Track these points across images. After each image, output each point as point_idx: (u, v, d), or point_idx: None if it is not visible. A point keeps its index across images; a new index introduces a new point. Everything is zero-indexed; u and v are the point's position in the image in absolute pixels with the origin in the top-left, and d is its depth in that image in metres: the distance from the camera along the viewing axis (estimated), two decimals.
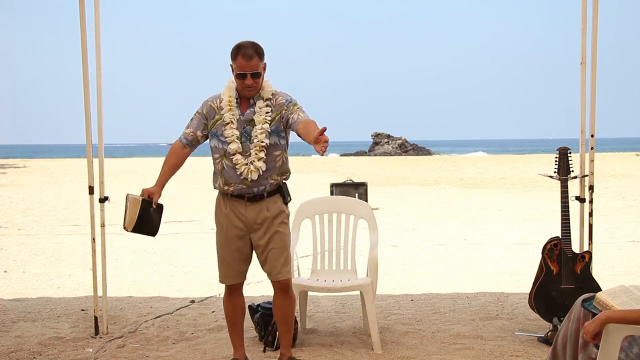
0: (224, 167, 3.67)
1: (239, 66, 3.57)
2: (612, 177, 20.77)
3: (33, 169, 31.80)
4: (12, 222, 11.99)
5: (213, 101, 3.71)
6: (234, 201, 3.72)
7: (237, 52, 3.57)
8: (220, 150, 3.67)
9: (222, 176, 3.70)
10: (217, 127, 3.67)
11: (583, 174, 4.58)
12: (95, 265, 4.62)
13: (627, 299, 2.86)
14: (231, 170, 3.65)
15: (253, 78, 3.57)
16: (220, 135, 3.65)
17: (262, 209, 3.72)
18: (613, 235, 9.32)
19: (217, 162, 3.71)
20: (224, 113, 3.64)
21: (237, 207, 3.72)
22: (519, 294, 5.66)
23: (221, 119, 3.65)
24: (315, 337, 4.52)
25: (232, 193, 3.70)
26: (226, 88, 3.71)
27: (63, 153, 68.64)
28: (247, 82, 3.58)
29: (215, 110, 3.69)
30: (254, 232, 3.75)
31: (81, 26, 4.39)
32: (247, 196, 3.70)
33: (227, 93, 3.68)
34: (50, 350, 4.28)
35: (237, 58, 3.57)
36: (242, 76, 3.57)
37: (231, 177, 3.66)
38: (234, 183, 3.67)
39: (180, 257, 8.28)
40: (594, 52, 4.37)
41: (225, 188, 3.70)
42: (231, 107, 3.64)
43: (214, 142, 3.69)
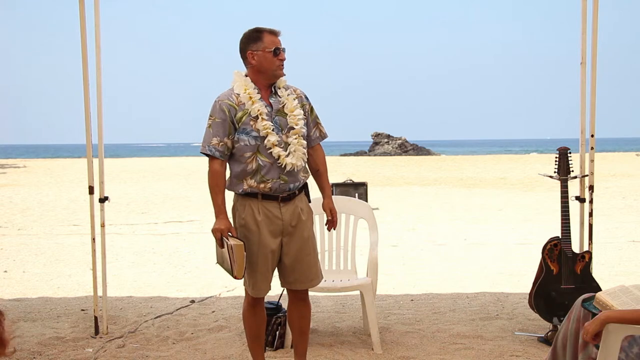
0: (259, 165, 3.38)
1: (271, 42, 3.38)
2: (612, 177, 20.78)
3: (33, 169, 31.81)
4: (12, 222, 11.99)
5: (228, 99, 3.40)
6: (266, 203, 3.44)
7: (261, 32, 3.40)
8: (253, 147, 3.38)
9: (257, 174, 3.39)
10: (244, 124, 3.37)
11: (583, 174, 4.58)
12: (95, 265, 4.62)
13: (627, 299, 2.86)
14: (268, 166, 3.39)
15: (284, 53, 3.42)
16: (252, 131, 3.37)
17: (296, 209, 3.49)
18: (613, 235, 9.32)
19: (249, 161, 3.39)
20: (248, 107, 3.38)
21: (270, 208, 3.44)
22: (519, 294, 5.66)
23: (247, 114, 3.37)
24: (315, 337, 4.52)
25: (268, 192, 3.41)
26: (239, 82, 3.43)
27: (63, 153, 68.64)
28: (283, 56, 3.40)
29: (235, 107, 3.38)
30: (288, 235, 3.48)
31: (81, 26, 4.39)
32: (282, 195, 3.44)
33: (242, 86, 3.41)
34: (50, 350, 4.28)
35: (263, 37, 3.38)
36: (277, 51, 3.38)
37: (269, 172, 3.39)
38: (272, 179, 3.40)
39: (180, 257, 8.28)
40: (594, 52, 4.37)
41: (261, 186, 3.40)
42: (253, 99, 3.38)
43: (243, 141, 3.38)
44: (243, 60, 3.49)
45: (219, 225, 3.38)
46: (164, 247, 9.03)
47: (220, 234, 3.37)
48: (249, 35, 3.43)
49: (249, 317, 3.60)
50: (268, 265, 3.47)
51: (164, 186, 20.48)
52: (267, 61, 3.40)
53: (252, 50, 3.41)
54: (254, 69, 3.44)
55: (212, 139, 3.38)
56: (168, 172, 28.20)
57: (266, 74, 3.44)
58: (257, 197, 3.44)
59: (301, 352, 3.69)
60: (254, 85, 3.43)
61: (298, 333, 3.67)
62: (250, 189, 3.43)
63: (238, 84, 3.44)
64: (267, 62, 3.40)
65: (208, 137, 3.40)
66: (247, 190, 3.44)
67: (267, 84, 3.47)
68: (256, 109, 3.38)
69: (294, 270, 3.52)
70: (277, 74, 3.44)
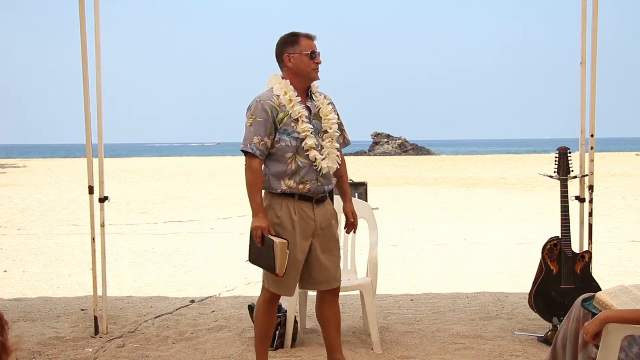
0: (299, 166, 3.46)
1: (308, 46, 3.50)
2: (612, 177, 20.77)
3: (33, 169, 31.81)
4: (12, 222, 11.99)
5: (270, 100, 3.45)
6: (302, 204, 3.49)
7: (298, 36, 3.52)
8: (293, 148, 3.44)
9: (297, 175, 3.46)
10: (286, 125, 3.44)
11: (583, 174, 4.57)
12: (95, 265, 4.62)
13: (627, 299, 2.86)
14: (307, 167, 3.47)
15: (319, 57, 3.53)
16: (293, 132, 3.44)
17: (327, 212, 3.59)
18: (613, 235, 9.32)
19: (289, 162, 3.45)
20: (289, 110, 3.45)
21: (305, 210, 3.50)
22: (519, 294, 5.66)
23: (288, 115, 3.44)
24: (315, 337, 4.52)
25: (307, 193, 3.48)
26: (279, 84, 3.50)
27: (63, 153, 68.66)
28: (319, 59, 3.51)
29: (277, 108, 3.44)
30: (318, 237, 3.55)
31: (81, 26, 4.39)
32: (316, 197, 3.52)
33: (283, 88, 3.48)
34: (50, 350, 4.28)
35: (300, 41, 3.50)
36: (314, 55, 3.50)
37: (308, 174, 3.47)
38: (310, 181, 3.48)
39: (180, 257, 8.28)
40: (594, 52, 4.37)
41: (301, 187, 3.46)
42: (294, 102, 3.46)
43: (285, 141, 3.44)
44: (279, 64, 3.58)
45: (260, 222, 3.40)
46: (164, 247, 9.03)
47: (261, 231, 3.39)
48: (286, 39, 3.55)
49: (267, 317, 3.66)
50: (299, 265, 3.53)
51: (164, 186, 20.48)
52: (304, 64, 3.50)
53: (289, 53, 3.51)
54: (291, 72, 3.53)
55: (254, 137, 3.43)
56: (168, 172, 28.21)
57: (302, 77, 3.53)
58: (294, 197, 3.50)
59: (338, 347, 3.74)
60: (293, 88, 3.51)
61: (335, 330, 3.72)
62: (290, 190, 3.49)
63: (278, 86, 3.51)
64: (303, 64, 3.50)
65: (249, 136, 3.44)
66: (286, 190, 3.49)
67: (303, 87, 3.56)
68: (297, 112, 3.46)
69: (322, 271, 3.58)
70: (312, 77, 3.55)
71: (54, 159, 47.90)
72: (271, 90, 3.51)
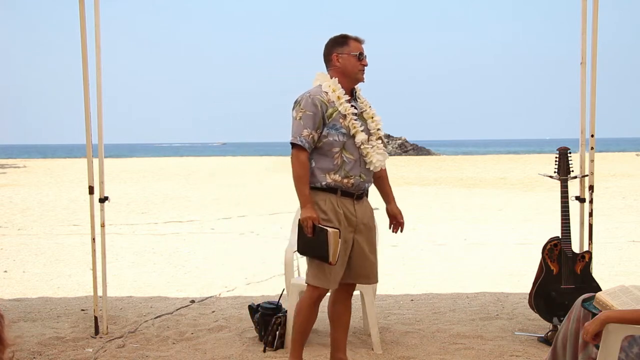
0: (344, 161, 3.55)
1: (356, 47, 3.61)
2: (612, 177, 20.77)
3: (33, 169, 31.81)
4: (12, 222, 11.99)
5: (320, 95, 3.56)
6: (344, 199, 3.58)
7: (347, 37, 3.63)
8: (340, 143, 3.53)
9: (342, 169, 3.55)
10: (334, 121, 3.54)
11: (583, 174, 4.57)
12: (95, 265, 4.62)
13: (627, 299, 2.86)
14: (352, 162, 3.56)
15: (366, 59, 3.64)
16: (341, 128, 3.54)
17: (366, 208, 3.69)
18: (613, 235, 9.32)
19: (336, 156, 3.54)
20: (337, 106, 3.55)
21: (347, 205, 3.59)
22: (519, 294, 5.66)
23: (336, 111, 3.54)
24: (315, 337, 4.52)
25: (350, 188, 3.57)
26: (327, 82, 3.60)
27: (63, 153, 68.63)
28: (365, 62, 3.62)
29: (326, 104, 3.54)
30: (359, 232, 3.64)
31: (81, 26, 4.39)
32: (357, 193, 3.61)
33: (332, 86, 3.58)
34: (50, 350, 4.28)
35: (349, 42, 3.61)
36: (361, 56, 3.60)
37: (353, 169, 3.56)
38: (354, 176, 3.57)
39: (180, 257, 8.28)
40: (594, 52, 4.37)
41: (345, 181, 3.55)
42: (342, 99, 3.57)
43: (332, 136, 3.53)
44: (326, 63, 3.69)
45: (310, 213, 3.46)
46: (164, 247, 9.03)
47: (311, 221, 3.45)
48: (336, 39, 3.66)
49: (309, 312, 3.68)
50: (345, 259, 3.59)
51: (164, 186, 20.48)
52: (351, 64, 3.60)
53: (337, 52, 3.62)
54: (338, 71, 3.63)
55: (303, 130, 3.51)
56: (168, 172, 28.20)
57: (349, 77, 3.63)
58: (337, 193, 3.57)
59: (342, 347, 3.81)
60: (341, 87, 3.60)
61: (343, 329, 3.80)
62: (335, 184, 3.56)
63: (326, 84, 3.60)
64: (350, 65, 3.60)
65: (299, 129, 3.52)
66: (331, 184, 3.56)
67: (348, 87, 3.65)
68: (345, 108, 3.56)
69: (359, 265, 3.66)
70: (358, 78, 3.65)
71: (54, 159, 47.89)
72: (319, 86, 3.61)
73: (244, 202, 15.34)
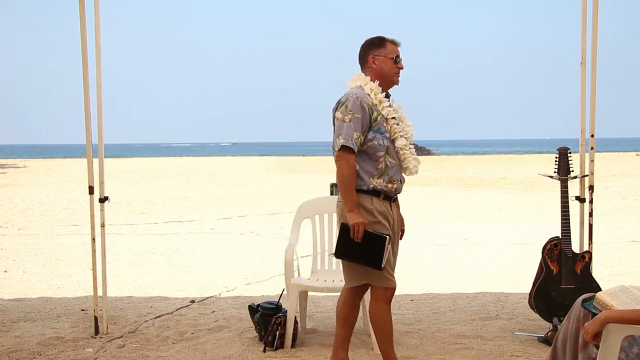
0: (387, 165, 3.54)
1: (393, 50, 3.60)
2: (612, 177, 20.78)
3: (33, 169, 31.82)
4: (12, 222, 11.99)
5: (366, 98, 3.51)
6: (384, 202, 3.57)
7: (384, 40, 3.61)
8: (384, 147, 3.52)
9: (385, 174, 3.54)
10: (379, 124, 3.52)
11: (583, 174, 4.57)
12: (95, 265, 4.62)
13: (627, 299, 2.86)
14: (394, 167, 3.57)
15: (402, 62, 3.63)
16: (385, 132, 3.53)
17: (398, 211, 3.73)
18: (613, 235, 9.32)
19: (380, 160, 3.53)
20: (380, 109, 3.53)
21: (386, 207, 3.58)
22: (519, 294, 5.66)
23: (380, 115, 3.52)
24: (315, 337, 4.52)
25: (393, 192, 3.58)
26: (368, 84, 3.57)
27: (63, 153, 68.65)
28: (402, 64, 3.61)
29: (372, 107, 3.51)
30: (394, 234, 3.66)
31: (81, 26, 4.39)
32: (394, 196, 3.63)
33: (373, 89, 3.55)
34: (50, 350, 4.28)
35: (386, 44, 3.60)
36: (398, 59, 3.60)
37: (395, 173, 3.57)
38: (396, 180, 3.58)
39: (180, 257, 8.28)
40: (594, 52, 4.37)
41: (389, 186, 3.55)
42: (383, 103, 3.55)
43: (378, 140, 3.51)
44: (362, 65, 3.66)
45: (361, 218, 3.44)
46: (164, 247, 9.03)
47: (362, 226, 3.43)
48: (372, 41, 3.64)
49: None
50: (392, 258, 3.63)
51: (164, 186, 20.48)
52: (387, 66, 3.59)
53: (374, 54, 3.60)
54: (373, 73, 3.61)
55: (354, 133, 3.46)
56: (168, 172, 28.20)
57: (385, 79, 3.60)
58: (379, 196, 3.55)
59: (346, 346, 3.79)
60: (381, 90, 3.58)
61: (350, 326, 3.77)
62: (380, 188, 3.54)
63: (368, 86, 3.57)
64: (387, 67, 3.59)
65: (349, 131, 3.46)
66: (377, 188, 3.54)
67: (384, 90, 3.61)
68: (388, 112, 3.55)
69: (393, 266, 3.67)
70: (394, 80, 3.63)
71: (54, 159, 47.90)
72: (361, 87, 3.57)
73: (244, 202, 15.34)
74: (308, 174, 25.15)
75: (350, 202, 3.46)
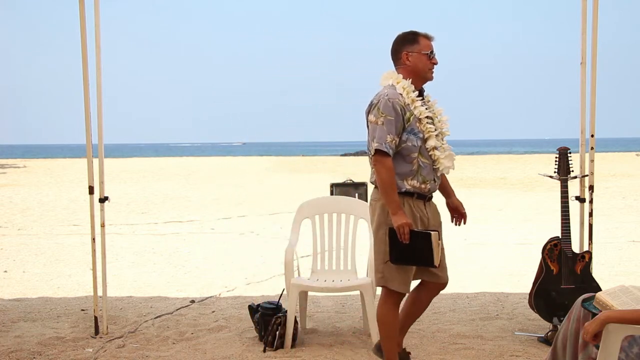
0: (420, 165, 3.50)
1: (427, 45, 3.52)
2: (612, 177, 20.77)
3: (33, 169, 31.81)
4: (12, 222, 11.99)
5: (397, 98, 3.45)
6: (417, 202, 3.55)
7: (417, 35, 3.53)
8: (417, 148, 3.48)
9: (419, 174, 3.50)
10: (412, 125, 3.46)
11: (583, 174, 4.57)
12: (95, 265, 4.62)
13: (627, 299, 2.86)
14: (427, 167, 3.52)
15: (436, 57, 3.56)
16: (418, 132, 3.47)
17: (435, 210, 3.68)
18: (613, 235, 9.32)
19: (413, 161, 3.49)
20: (412, 109, 3.47)
21: (420, 207, 3.56)
22: (519, 294, 5.66)
23: (412, 115, 3.46)
24: (315, 337, 4.52)
25: (427, 192, 3.56)
26: (400, 83, 3.50)
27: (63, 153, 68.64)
28: (436, 60, 3.54)
29: (404, 107, 3.45)
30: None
31: (81, 26, 4.39)
32: (429, 196, 3.61)
33: (406, 88, 3.49)
34: (50, 350, 4.28)
35: (419, 39, 3.52)
36: (432, 54, 3.52)
37: (429, 173, 3.53)
38: (430, 180, 3.54)
39: (180, 257, 8.28)
40: (594, 52, 4.37)
41: (423, 186, 3.52)
42: (416, 102, 3.48)
43: (411, 141, 3.46)
44: (395, 61, 3.58)
45: (405, 219, 3.41)
46: (164, 247, 9.03)
47: (407, 227, 3.39)
48: (405, 36, 3.55)
49: (394, 317, 3.63)
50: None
51: (164, 186, 20.47)
52: (422, 63, 3.51)
53: (407, 50, 3.52)
54: (407, 69, 3.54)
55: (387, 136, 3.41)
56: (168, 172, 28.19)
57: (419, 76, 3.53)
58: (413, 196, 3.53)
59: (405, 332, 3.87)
60: (414, 88, 3.51)
61: (413, 318, 3.85)
62: (413, 189, 3.52)
63: (401, 85, 3.50)
64: (421, 63, 3.51)
65: (382, 134, 3.41)
66: (410, 189, 3.51)
67: (418, 87, 3.55)
68: (420, 112, 3.48)
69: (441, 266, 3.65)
70: (428, 77, 3.56)
71: (54, 159, 47.89)
72: (393, 87, 3.50)
73: (244, 202, 15.33)
74: (308, 174, 25.16)
75: (392, 204, 3.41)
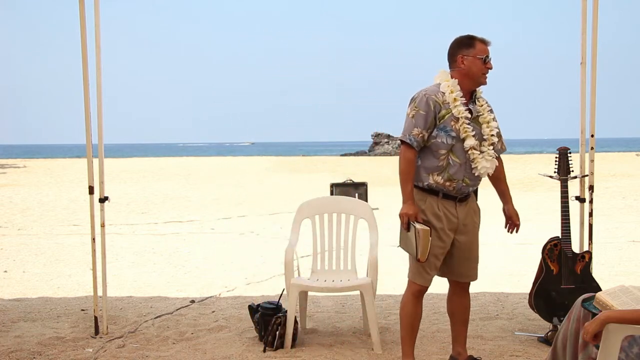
0: (449, 163, 3.55)
1: (483, 50, 3.57)
2: (612, 177, 20.77)
3: (33, 169, 31.80)
4: (12, 222, 11.99)
5: (435, 95, 3.54)
6: (445, 201, 3.60)
7: (474, 39, 3.59)
8: (448, 145, 3.53)
9: (445, 172, 3.55)
10: (445, 123, 3.52)
11: (583, 174, 4.57)
12: (95, 265, 4.62)
13: (627, 299, 2.86)
14: (457, 166, 3.56)
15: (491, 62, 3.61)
16: (451, 131, 3.52)
17: (469, 210, 3.70)
18: (613, 235, 9.32)
19: (442, 158, 3.55)
20: (452, 108, 3.53)
21: (447, 207, 3.60)
22: (519, 294, 5.66)
23: (449, 113, 3.53)
24: (315, 337, 4.52)
25: (451, 191, 3.58)
26: (446, 82, 3.58)
27: (63, 153, 68.63)
28: (491, 65, 3.58)
29: (440, 104, 3.52)
30: (461, 233, 3.67)
31: (81, 26, 4.39)
32: (459, 196, 3.62)
33: (450, 87, 3.56)
34: (50, 350, 4.28)
35: (475, 44, 3.58)
36: (487, 59, 3.57)
37: (457, 172, 3.56)
38: (457, 180, 3.57)
39: (180, 257, 8.28)
40: (594, 52, 4.37)
41: (447, 184, 3.56)
42: (458, 101, 3.54)
43: (441, 137, 3.52)
44: (450, 64, 3.66)
45: (407, 209, 3.53)
46: (164, 247, 9.03)
47: (407, 217, 3.53)
48: (462, 40, 3.63)
49: (413, 309, 3.73)
50: (440, 257, 3.66)
51: (164, 186, 20.48)
52: (476, 67, 3.57)
53: (463, 54, 3.59)
54: (461, 73, 3.60)
55: (414, 129, 3.52)
56: (168, 172, 28.19)
57: (472, 79, 3.60)
58: (438, 195, 3.59)
59: (462, 341, 3.88)
60: (460, 88, 3.58)
61: (460, 323, 3.89)
62: (436, 185, 3.58)
63: (446, 84, 3.58)
64: (476, 67, 3.57)
65: (409, 127, 3.54)
66: (433, 185, 3.58)
67: (469, 90, 3.62)
68: (459, 111, 3.54)
69: (462, 264, 3.75)
70: (481, 81, 3.62)
71: (54, 159, 47.89)
72: (437, 85, 3.59)
73: (244, 202, 15.34)
74: (308, 174, 25.17)
75: (404, 194, 3.55)
